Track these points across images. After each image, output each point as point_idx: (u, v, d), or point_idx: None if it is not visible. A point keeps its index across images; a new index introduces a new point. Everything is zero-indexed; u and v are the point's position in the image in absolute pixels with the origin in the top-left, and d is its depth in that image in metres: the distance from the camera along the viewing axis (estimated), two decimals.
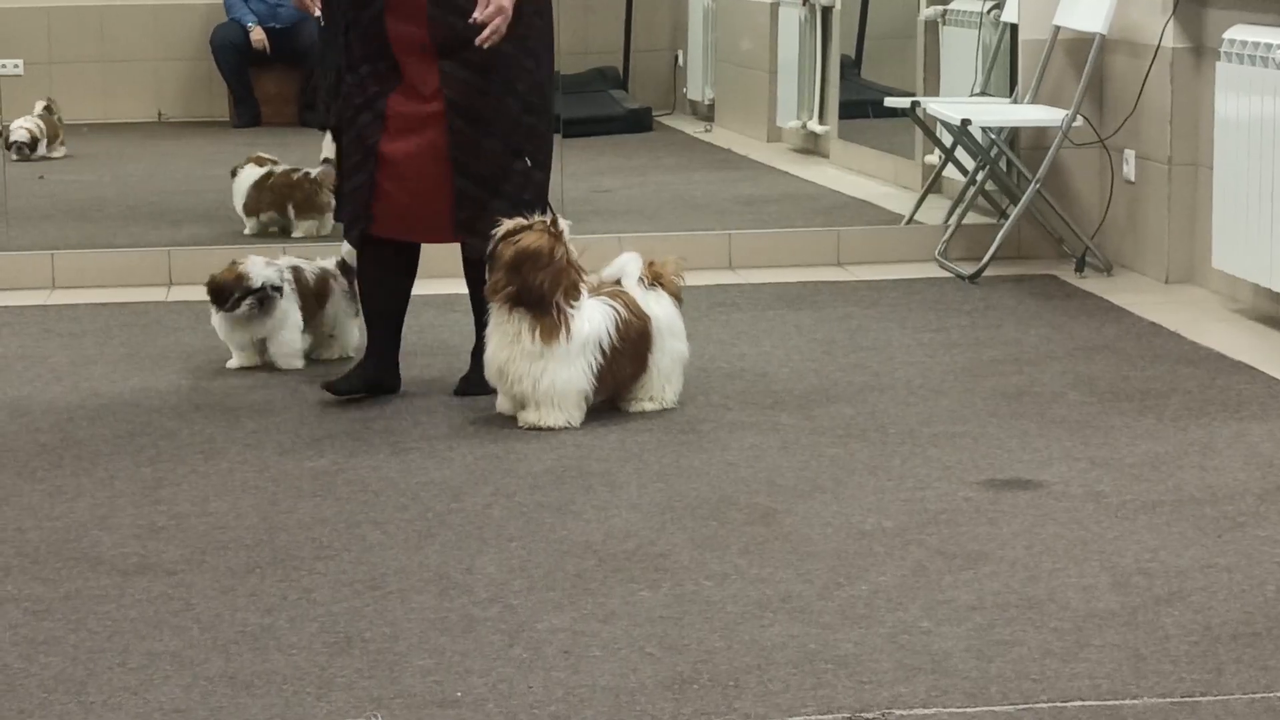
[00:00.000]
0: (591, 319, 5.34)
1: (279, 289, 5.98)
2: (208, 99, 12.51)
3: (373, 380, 5.68)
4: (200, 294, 7.10)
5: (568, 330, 5.29)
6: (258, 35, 12.06)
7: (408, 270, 5.75)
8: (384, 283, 5.72)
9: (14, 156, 9.91)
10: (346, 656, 3.72)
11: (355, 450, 5.16)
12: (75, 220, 8.62)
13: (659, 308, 5.50)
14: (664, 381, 5.51)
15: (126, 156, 10.98)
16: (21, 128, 10.17)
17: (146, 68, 12.55)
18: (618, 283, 5.50)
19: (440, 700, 3.51)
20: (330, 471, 4.97)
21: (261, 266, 5.99)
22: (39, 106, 10.37)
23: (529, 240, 5.27)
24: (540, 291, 5.26)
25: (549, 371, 5.29)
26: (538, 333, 5.27)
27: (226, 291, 5.96)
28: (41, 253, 7.63)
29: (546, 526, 4.51)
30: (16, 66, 11.47)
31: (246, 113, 12.00)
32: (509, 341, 5.30)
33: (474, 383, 5.66)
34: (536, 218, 5.37)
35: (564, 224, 5.37)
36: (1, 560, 4.29)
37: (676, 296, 5.57)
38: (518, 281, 5.26)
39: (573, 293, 5.32)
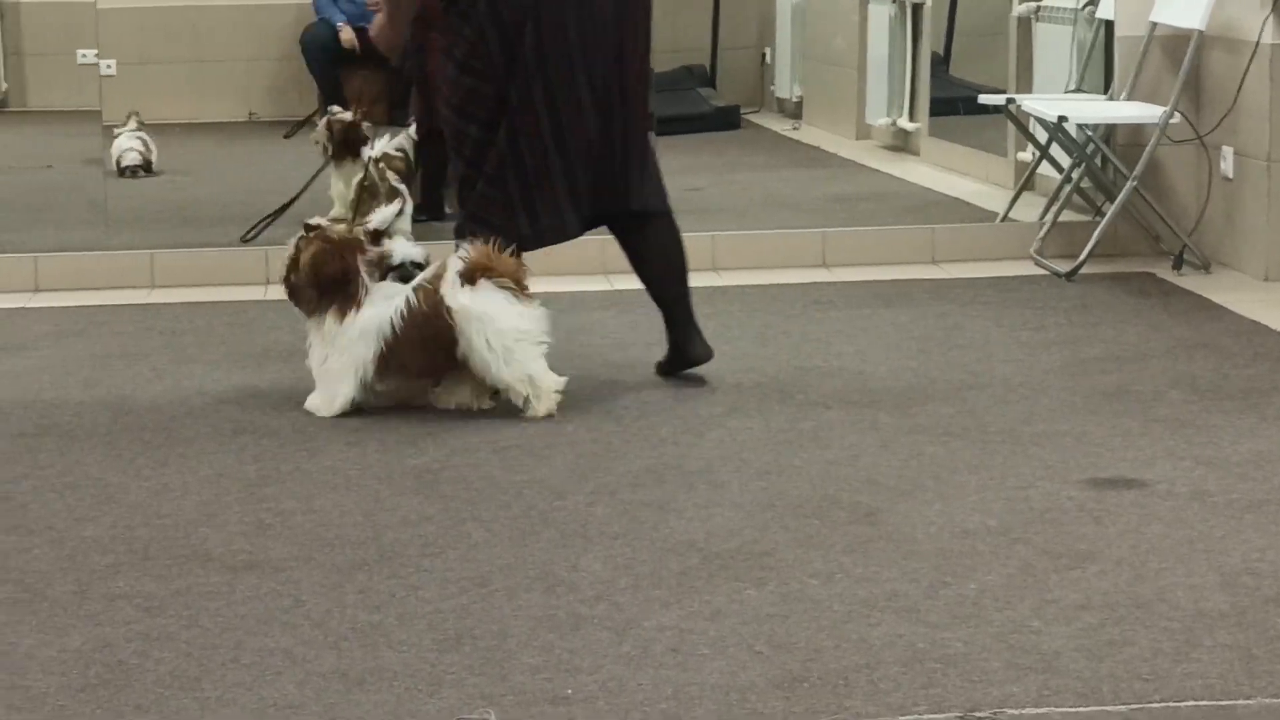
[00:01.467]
0: (379, 309, 5.49)
1: (421, 265, 5.99)
2: (298, 98, 12.58)
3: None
4: None
5: (339, 319, 5.50)
6: (347, 35, 12.11)
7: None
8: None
9: (125, 176, 9.79)
10: (456, 653, 3.74)
11: (456, 448, 5.18)
12: (172, 219, 8.69)
13: (471, 297, 5.43)
14: (499, 364, 5.45)
15: (218, 156, 11.05)
16: (131, 150, 9.96)
17: (237, 68, 12.63)
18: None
19: (550, 697, 3.53)
20: (432, 469, 4.99)
21: (404, 245, 6.00)
22: (133, 121, 10.27)
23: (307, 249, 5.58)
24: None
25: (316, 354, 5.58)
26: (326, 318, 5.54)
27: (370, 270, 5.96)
28: (141, 252, 7.70)
29: (649, 525, 4.52)
30: (109, 67, 11.57)
31: None
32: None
33: (674, 362, 5.81)
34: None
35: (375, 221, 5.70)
36: (113, 557, 4.33)
37: (517, 284, 5.49)
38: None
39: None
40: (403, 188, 8.20)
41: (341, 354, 5.51)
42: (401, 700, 3.53)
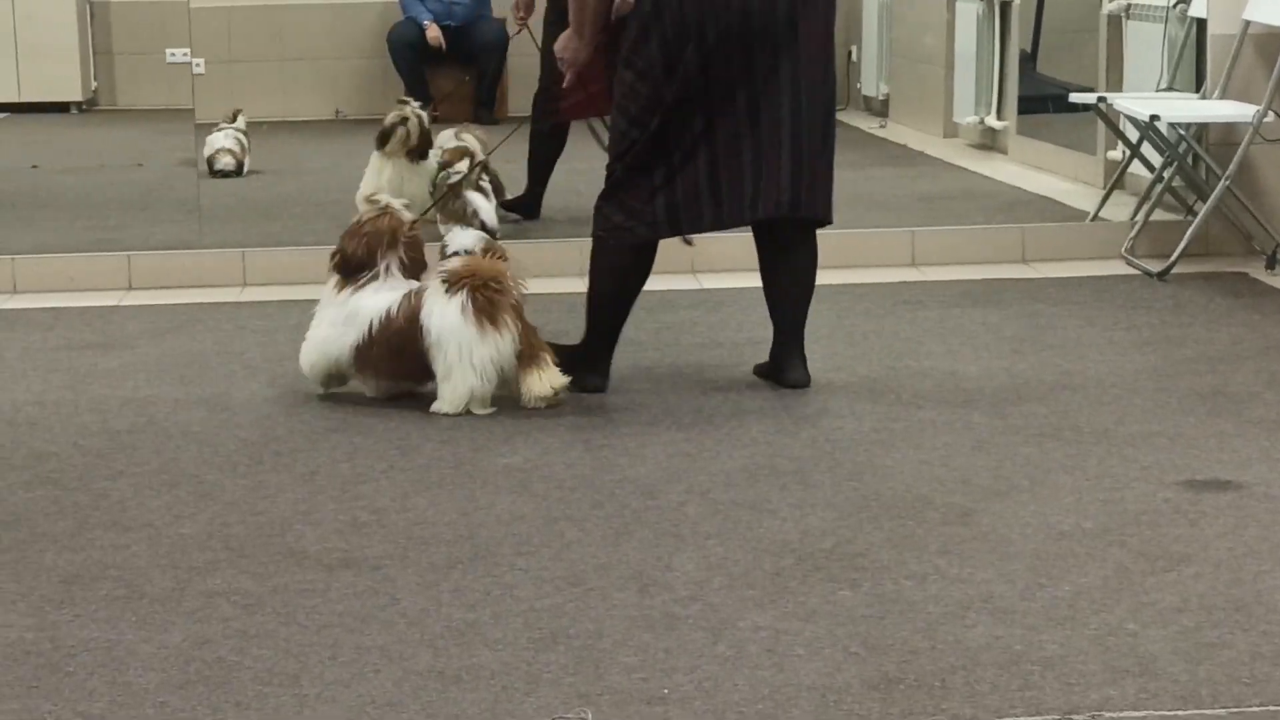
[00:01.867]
0: (374, 300, 5.58)
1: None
2: (384, 97, 12.63)
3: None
4: None
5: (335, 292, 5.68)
6: (433, 33, 12.17)
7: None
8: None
9: (216, 177, 9.85)
10: (552, 652, 3.75)
11: (549, 447, 5.20)
12: (263, 218, 8.75)
13: (443, 314, 5.49)
14: (443, 382, 5.52)
15: (306, 154, 11.12)
16: (225, 151, 10.01)
17: (324, 66, 12.71)
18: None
19: (647, 697, 3.54)
20: (525, 468, 5.01)
21: (460, 233, 6.03)
22: (240, 119, 10.28)
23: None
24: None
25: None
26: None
27: None
28: (233, 250, 7.76)
29: (743, 524, 4.52)
30: (198, 66, 11.66)
31: None
32: None
33: (771, 374, 5.82)
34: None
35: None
36: (210, 554, 4.36)
37: (498, 289, 5.52)
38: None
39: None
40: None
41: (326, 327, 5.66)
42: (498, 699, 3.54)
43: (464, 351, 5.44)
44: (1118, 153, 8.49)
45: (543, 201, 8.62)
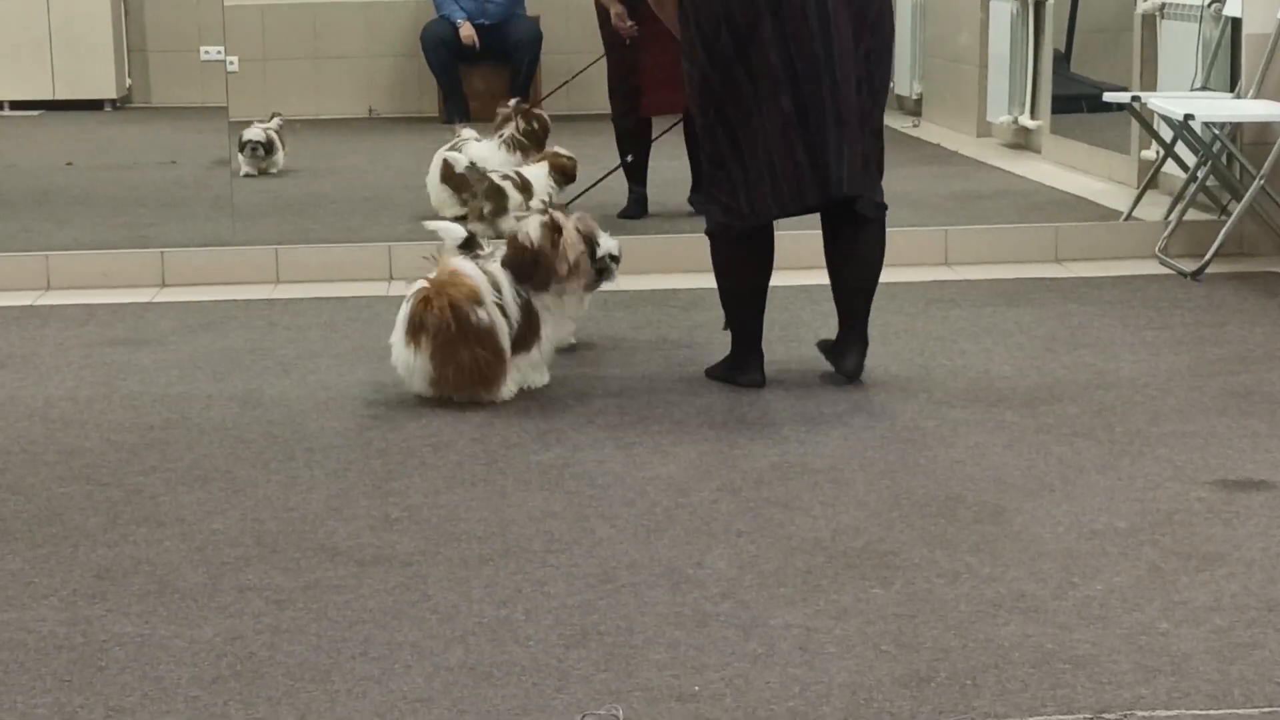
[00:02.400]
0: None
1: (618, 259, 6.01)
2: (417, 95, 12.68)
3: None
4: None
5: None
6: (467, 32, 12.19)
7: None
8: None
9: (247, 164, 9.91)
10: (583, 649, 3.75)
11: (580, 444, 5.20)
12: (296, 215, 8.76)
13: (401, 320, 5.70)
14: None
15: (339, 153, 11.14)
16: (256, 129, 10.07)
17: (357, 64, 12.74)
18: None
19: (678, 694, 3.54)
20: (557, 465, 5.01)
21: (605, 238, 6.01)
22: (276, 121, 10.32)
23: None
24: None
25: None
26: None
27: None
28: (265, 247, 7.77)
29: (774, 523, 4.52)
30: (232, 64, 11.69)
31: (456, 109, 12.12)
32: None
33: (830, 355, 5.87)
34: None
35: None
36: (242, 550, 4.37)
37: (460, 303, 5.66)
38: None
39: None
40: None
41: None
42: (530, 695, 3.55)
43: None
44: (1152, 152, 8.46)
45: (648, 199, 8.64)
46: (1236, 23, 7.96)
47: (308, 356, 6.29)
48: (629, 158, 8.45)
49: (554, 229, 5.74)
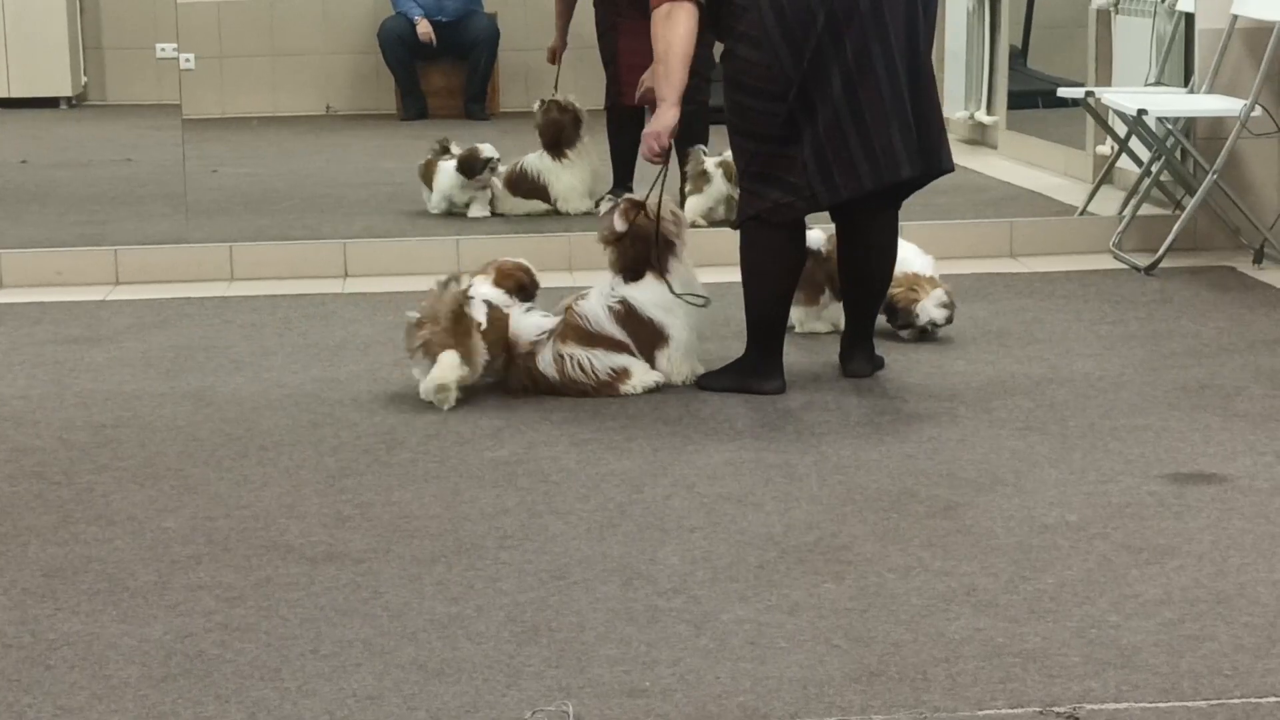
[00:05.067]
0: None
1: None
2: (375, 92, 12.63)
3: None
4: (374, 286, 7.24)
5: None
6: (424, 29, 12.15)
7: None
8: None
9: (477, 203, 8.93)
10: (534, 645, 3.75)
11: (534, 441, 5.19)
12: (251, 212, 8.74)
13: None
14: None
15: (296, 149, 11.11)
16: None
17: (314, 61, 12.69)
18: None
19: (629, 690, 3.53)
20: (510, 462, 5.01)
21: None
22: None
23: None
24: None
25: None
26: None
27: None
28: (220, 245, 7.75)
29: (727, 518, 4.52)
30: (188, 61, 11.64)
31: (413, 106, 12.09)
32: None
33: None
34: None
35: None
36: (193, 548, 4.36)
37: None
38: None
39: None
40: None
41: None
42: (480, 692, 3.54)
43: None
44: (1106, 147, 8.48)
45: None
46: (1190, 18, 7.99)
47: (261, 354, 6.27)
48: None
49: (636, 207, 5.72)
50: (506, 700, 3.50)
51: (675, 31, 5.55)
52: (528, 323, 5.69)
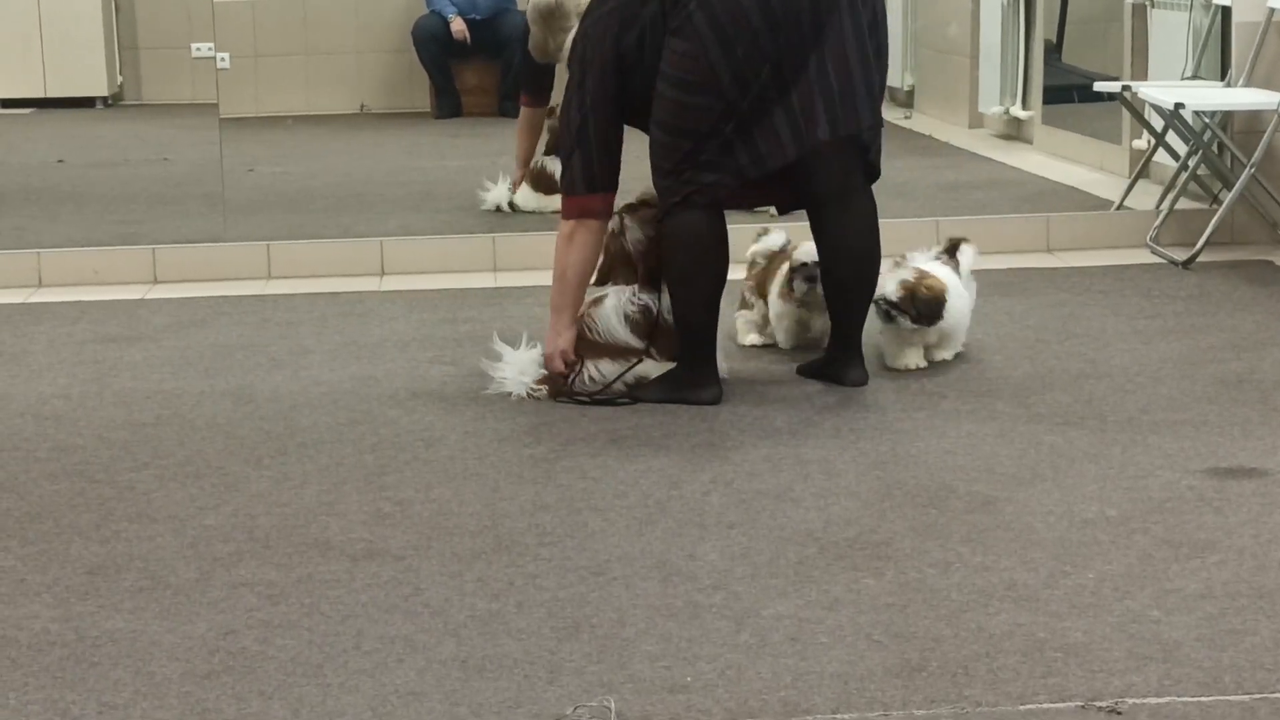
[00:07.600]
0: None
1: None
2: (409, 91, 12.66)
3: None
4: (411, 284, 7.24)
5: None
6: (458, 27, 12.18)
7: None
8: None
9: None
10: (575, 641, 3.76)
11: (572, 437, 5.20)
12: (287, 211, 8.76)
13: None
14: None
15: (332, 148, 11.13)
16: None
17: (349, 60, 12.72)
18: None
19: (670, 685, 3.54)
20: (549, 459, 5.01)
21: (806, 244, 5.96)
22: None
23: None
24: None
25: None
26: None
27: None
28: (257, 243, 7.77)
29: (766, 514, 4.52)
30: (223, 60, 11.67)
31: (447, 104, 12.13)
32: None
33: (823, 373, 5.79)
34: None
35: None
36: (235, 545, 4.38)
37: None
38: None
39: None
40: None
41: None
42: (521, 688, 3.55)
43: None
44: (1143, 142, 8.46)
45: None
46: (1226, 11, 7.97)
47: (299, 352, 6.29)
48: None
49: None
50: (548, 696, 3.51)
51: (576, 255, 5.61)
52: None
